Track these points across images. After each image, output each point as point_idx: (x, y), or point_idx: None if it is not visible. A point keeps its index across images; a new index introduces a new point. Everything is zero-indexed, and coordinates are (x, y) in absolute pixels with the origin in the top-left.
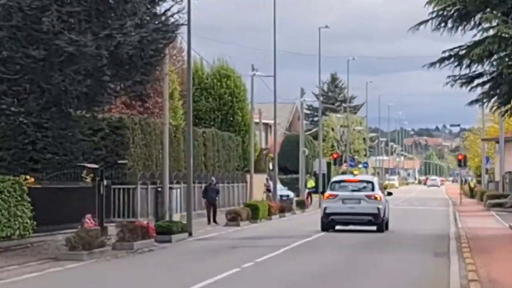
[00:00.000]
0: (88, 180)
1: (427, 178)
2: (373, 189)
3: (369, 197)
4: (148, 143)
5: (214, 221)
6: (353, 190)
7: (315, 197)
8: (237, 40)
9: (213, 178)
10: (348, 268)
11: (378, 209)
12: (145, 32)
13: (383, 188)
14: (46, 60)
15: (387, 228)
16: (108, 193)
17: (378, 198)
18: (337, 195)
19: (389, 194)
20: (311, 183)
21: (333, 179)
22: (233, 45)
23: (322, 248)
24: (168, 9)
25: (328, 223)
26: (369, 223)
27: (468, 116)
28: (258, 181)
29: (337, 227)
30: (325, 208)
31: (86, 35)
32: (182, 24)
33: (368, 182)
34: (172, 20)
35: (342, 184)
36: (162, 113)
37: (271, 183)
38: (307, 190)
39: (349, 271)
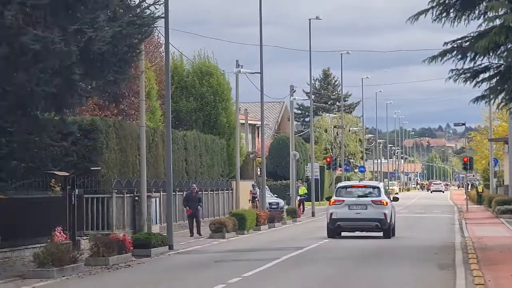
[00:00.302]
0: (58, 189)
1: (430, 183)
2: (379, 195)
3: (375, 202)
4: (124, 148)
5: (198, 233)
6: (359, 196)
7: (307, 205)
8: (222, 35)
9: (194, 185)
10: (343, 283)
11: (385, 214)
12: (118, 26)
13: (389, 193)
14: (9, 59)
15: (393, 234)
16: (80, 203)
17: (384, 203)
18: (343, 201)
19: (395, 199)
20: (303, 190)
21: (339, 184)
22: (216, 40)
23: (316, 261)
24: (144, 0)
25: (335, 229)
26: (375, 228)
27: (474, 114)
28: (245, 188)
29: (330, 237)
30: (331, 214)
31: (54, 31)
32: (159, 17)
33: (374, 187)
34: (147, 12)
35: (348, 189)
36: (139, 114)
37: (257, 190)
38: (298, 198)
39: (345, 287)
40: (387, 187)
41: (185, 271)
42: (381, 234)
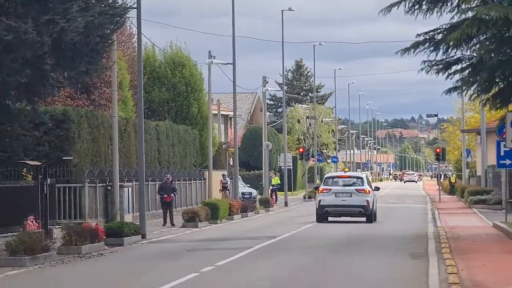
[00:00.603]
0: (30, 178)
1: (403, 173)
2: (362, 184)
3: (359, 191)
4: (96, 138)
5: (171, 222)
6: (344, 185)
7: (280, 195)
8: (193, 25)
9: (168, 176)
10: (315, 272)
11: (367, 201)
12: (90, 16)
13: (371, 183)
14: None
15: (375, 219)
16: (53, 192)
17: (367, 192)
18: (330, 189)
19: (377, 189)
20: (275, 180)
21: (327, 175)
22: (188, 30)
23: (288, 250)
24: None
25: (323, 214)
26: (359, 214)
27: (446, 105)
28: (217, 178)
29: (303, 227)
30: (320, 201)
31: (26, 21)
32: (131, 7)
33: (357, 178)
34: (120, 2)
35: (335, 179)
36: (111, 104)
37: (228, 179)
38: (270, 187)
39: (316, 276)
40: (369, 178)
41: (158, 260)
42: (364, 219)
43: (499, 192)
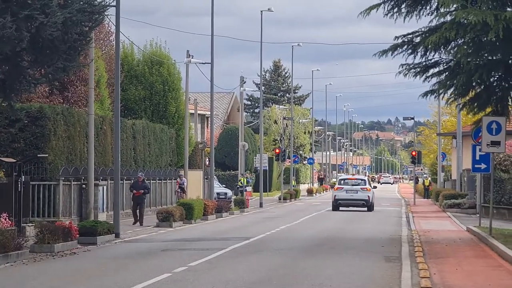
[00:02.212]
0: (2, 175)
1: (380, 176)
2: (365, 184)
3: (362, 189)
4: (72, 136)
5: (141, 223)
6: (352, 185)
7: (255, 196)
8: (171, 24)
9: (140, 174)
10: (289, 274)
11: (368, 196)
12: (68, 13)
13: (371, 183)
14: None
15: (373, 209)
16: (27, 190)
17: (368, 189)
18: (342, 187)
19: (374, 187)
20: (243, 180)
21: (340, 177)
22: (167, 29)
23: (262, 251)
24: None
25: (337, 205)
26: (362, 205)
27: (423, 109)
28: (193, 178)
29: (277, 228)
30: (335, 196)
31: (5, 16)
32: (110, 5)
33: (362, 180)
34: (98, 0)
35: (346, 180)
36: (87, 102)
37: (185, 180)
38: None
39: (289, 278)
40: (370, 179)
41: (131, 259)
42: (365, 209)
43: (473, 196)
